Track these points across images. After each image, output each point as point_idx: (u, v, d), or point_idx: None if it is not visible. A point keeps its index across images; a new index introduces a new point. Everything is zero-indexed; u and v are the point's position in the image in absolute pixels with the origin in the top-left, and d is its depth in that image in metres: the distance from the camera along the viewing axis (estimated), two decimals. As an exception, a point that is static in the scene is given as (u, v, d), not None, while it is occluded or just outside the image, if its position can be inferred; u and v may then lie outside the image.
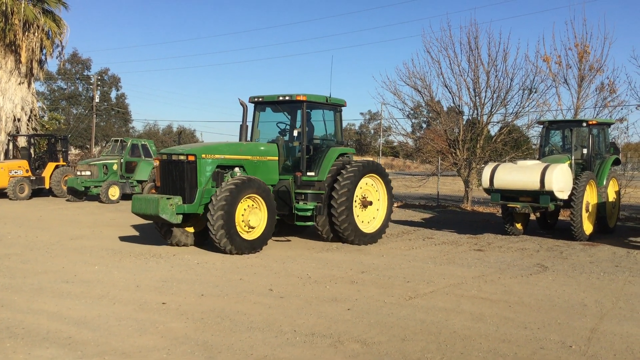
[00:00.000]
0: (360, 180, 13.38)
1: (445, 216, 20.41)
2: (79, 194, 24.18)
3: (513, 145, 25.07)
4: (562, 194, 13.96)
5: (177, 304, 7.80)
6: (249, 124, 13.82)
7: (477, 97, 23.51)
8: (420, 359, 5.86)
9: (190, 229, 12.62)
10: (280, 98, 13.37)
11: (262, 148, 13.09)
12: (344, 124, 14.54)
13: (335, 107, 14.25)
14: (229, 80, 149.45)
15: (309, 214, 12.94)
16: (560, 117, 21.49)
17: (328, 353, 5.99)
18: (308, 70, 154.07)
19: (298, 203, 12.99)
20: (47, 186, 25.83)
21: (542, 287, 9.19)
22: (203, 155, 11.95)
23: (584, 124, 15.61)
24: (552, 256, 12.22)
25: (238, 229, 11.63)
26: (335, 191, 12.95)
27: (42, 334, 6.47)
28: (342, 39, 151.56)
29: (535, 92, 22.87)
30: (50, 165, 26.03)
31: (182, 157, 11.94)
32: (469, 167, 23.84)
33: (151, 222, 12.73)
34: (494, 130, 25.13)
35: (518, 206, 14.41)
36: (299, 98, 13.08)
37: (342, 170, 13.18)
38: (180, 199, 11.71)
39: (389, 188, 14.20)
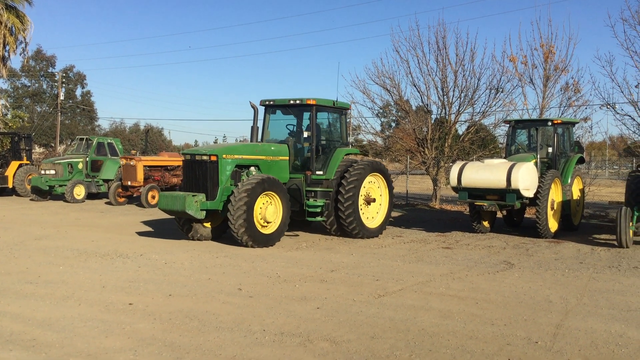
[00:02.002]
0: (365, 178, 14.24)
1: (414, 214, 20.55)
2: (43, 193, 23.75)
3: (480, 144, 25.35)
4: (528, 192, 14.16)
5: (144, 304, 7.70)
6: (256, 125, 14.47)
7: (445, 97, 23.72)
8: (389, 356, 5.88)
9: (208, 224, 13.39)
10: (292, 102, 14.23)
11: (274, 149, 13.93)
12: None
13: (341, 110, 15.12)
14: (197, 77, 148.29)
15: (318, 210, 13.86)
16: (526, 117, 21.79)
17: (297, 352, 5.97)
18: (276, 68, 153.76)
19: (309, 200, 13.84)
20: (10, 185, 25.32)
21: (508, 284, 9.31)
22: (224, 156, 12.81)
23: (549, 123, 15.87)
24: (518, 253, 12.40)
25: (256, 223, 12.45)
26: (342, 188, 13.86)
27: (5, 335, 6.33)
28: (309, 38, 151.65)
29: (502, 92, 23.14)
30: (14, 164, 25.50)
31: (205, 157, 12.79)
32: (437, 165, 24.04)
33: (118, 221, 12.57)
34: (461, 129, 25.38)
35: (485, 204, 14.58)
36: (309, 102, 13.97)
37: (348, 169, 14.12)
38: (204, 196, 12.52)
39: (390, 186, 15.20)
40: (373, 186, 14.80)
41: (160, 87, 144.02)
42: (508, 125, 17.31)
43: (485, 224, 15.64)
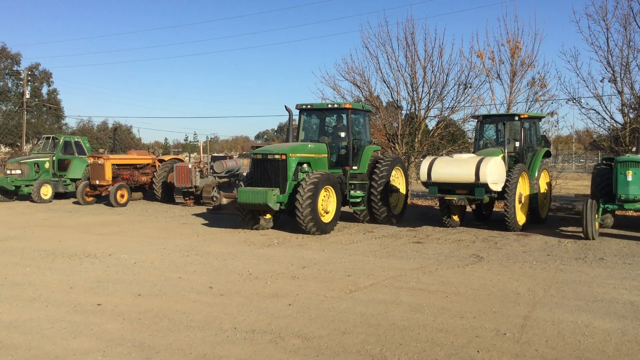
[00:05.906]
0: (392, 172, 16.16)
1: (385, 210, 20.61)
2: (10, 193, 23.31)
3: (450, 139, 25.59)
4: (496, 186, 14.33)
5: (113, 304, 7.62)
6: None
7: (414, 92, 23.91)
8: (360, 351, 5.91)
9: (269, 216, 14.93)
10: (329, 106, 16.02)
11: (317, 147, 15.41)
12: (282, 119, 15.90)
13: (366, 112, 17.05)
14: (165, 74, 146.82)
15: (359, 200, 15.77)
16: (493, 112, 22.04)
17: (268, 349, 5.97)
18: (244, 64, 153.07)
19: (351, 192, 15.58)
20: (-26, 186, 24.75)
21: (477, 277, 9.42)
22: (291, 154, 14.39)
23: (516, 118, 16.07)
24: (487, 247, 12.55)
25: (319, 213, 14.01)
26: (375, 181, 15.80)
27: (-31, 340, 6.20)
28: (280, 34, 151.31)
29: (470, 87, 23.41)
30: (-22, 164, 24.98)
31: (277, 156, 14.30)
32: (407, 161, 24.18)
33: (86, 221, 12.38)
34: (431, 124, 25.59)
35: (454, 199, 14.71)
36: (345, 106, 15.74)
37: (377, 164, 16.04)
38: (278, 190, 14.04)
39: (406, 177, 17.34)
40: (395, 178, 16.67)
41: (128, 85, 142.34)
42: (476, 120, 17.49)
43: (455, 218, 15.79)
